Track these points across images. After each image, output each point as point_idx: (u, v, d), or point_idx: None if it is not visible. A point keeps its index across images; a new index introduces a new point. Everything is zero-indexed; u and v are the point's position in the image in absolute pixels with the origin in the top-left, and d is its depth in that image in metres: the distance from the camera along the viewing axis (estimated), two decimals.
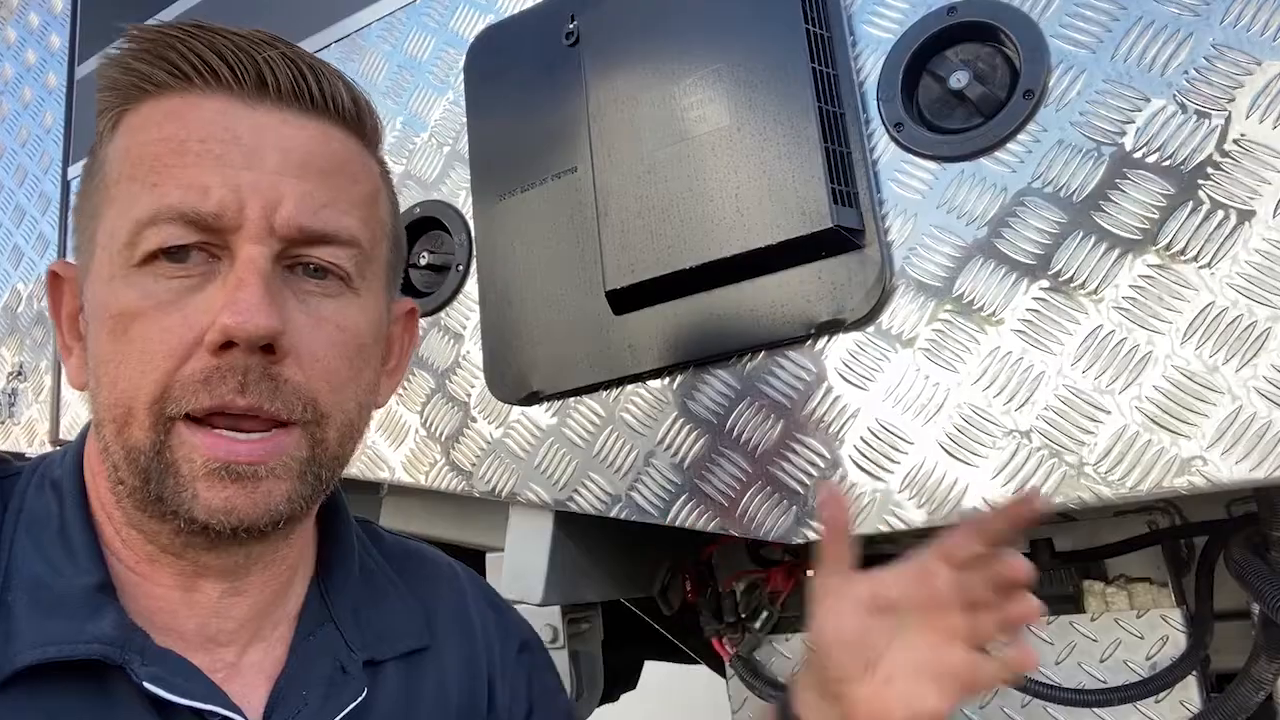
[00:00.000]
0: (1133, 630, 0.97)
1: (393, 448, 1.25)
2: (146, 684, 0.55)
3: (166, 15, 1.66)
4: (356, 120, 0.63)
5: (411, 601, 0.75)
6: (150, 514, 0.57)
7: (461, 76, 1.26)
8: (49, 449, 1.69)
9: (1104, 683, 0.97)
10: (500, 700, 0.78)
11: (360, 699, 0.65)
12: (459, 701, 0.74)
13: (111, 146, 0.59)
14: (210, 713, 0.57)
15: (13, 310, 1.87)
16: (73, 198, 0.65)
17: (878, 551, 1.19)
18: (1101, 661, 0.98)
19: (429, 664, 0.73)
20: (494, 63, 1.22)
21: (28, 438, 1.75)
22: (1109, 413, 0.82)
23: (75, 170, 1.84)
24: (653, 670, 2.04)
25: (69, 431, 1.68)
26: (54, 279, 0.63)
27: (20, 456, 1.71)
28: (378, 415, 1.26)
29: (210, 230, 0.55)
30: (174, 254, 0.55)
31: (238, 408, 0.55)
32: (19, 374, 1.80)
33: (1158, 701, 0.94)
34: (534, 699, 0.81)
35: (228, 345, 0.54)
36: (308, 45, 1.46)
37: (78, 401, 1.67)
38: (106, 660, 0.54)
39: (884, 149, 0.96)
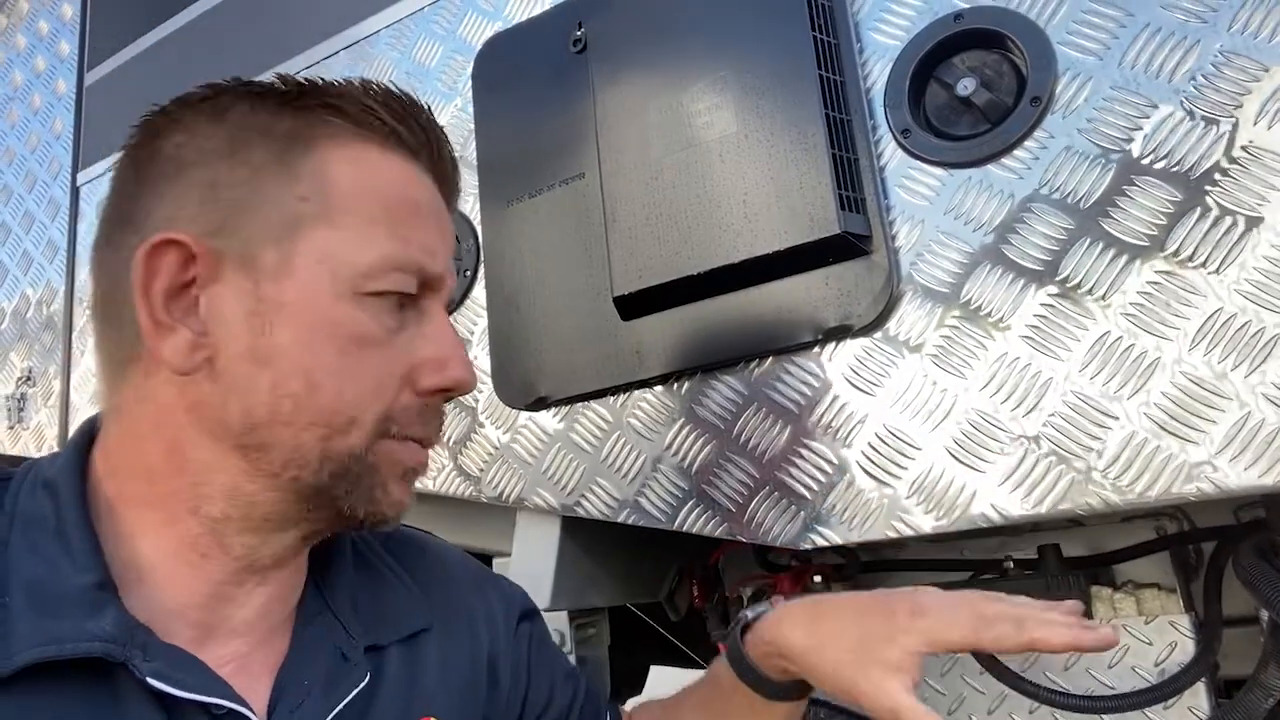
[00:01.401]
0: (1141, 636, 0.97)
1: None
2: (150, 679, 0.55)
3: (174, 24, 1.67)
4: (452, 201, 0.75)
5: (410, 585, 0.77)
6: (307, 503, 0.62)
7: (469, 83, 1.26)
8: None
9: (1112, 689, 0.97)
10: (503, 680, 0.80)
11: (363, 684, 0.66)
12: (461, 681, 0.75)
13: (331, 168, 0.62)
14: (216, 705, 0.58)
15: (22, 315, 1.88)
16: (193, 156, 0.62)
17: (881, 558, 1.19)
18: (1110, 667, 0.98)
19: (430, 645, 0.74)
20: (502, 69, 1.22)
21: (36, 442, 1.75)
22: (1117, 419, 0.82)
23: (85, 176, 1.85)
24: (658, 674, 2.03)
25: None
26: (166, 247, 0.59)
27: (22, 462, 1.71)
28: None
29: (423, 286, 0.65)
30: (402, 299, 0.64)
31: (433, 440, 0.67)
32: (28, 379, 1.81)
33: (1166, 708, 0.94)
34: (533, 668, 0.84)
35: (443, 390, 0.65)
36: (317, 52, 1.47)
37: (87, 407, 1.67)
38: (108, 657, 0.55)
39: (891, 155, 0.96)
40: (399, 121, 0.66)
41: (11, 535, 0.59)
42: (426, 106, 0.68)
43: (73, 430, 1.68)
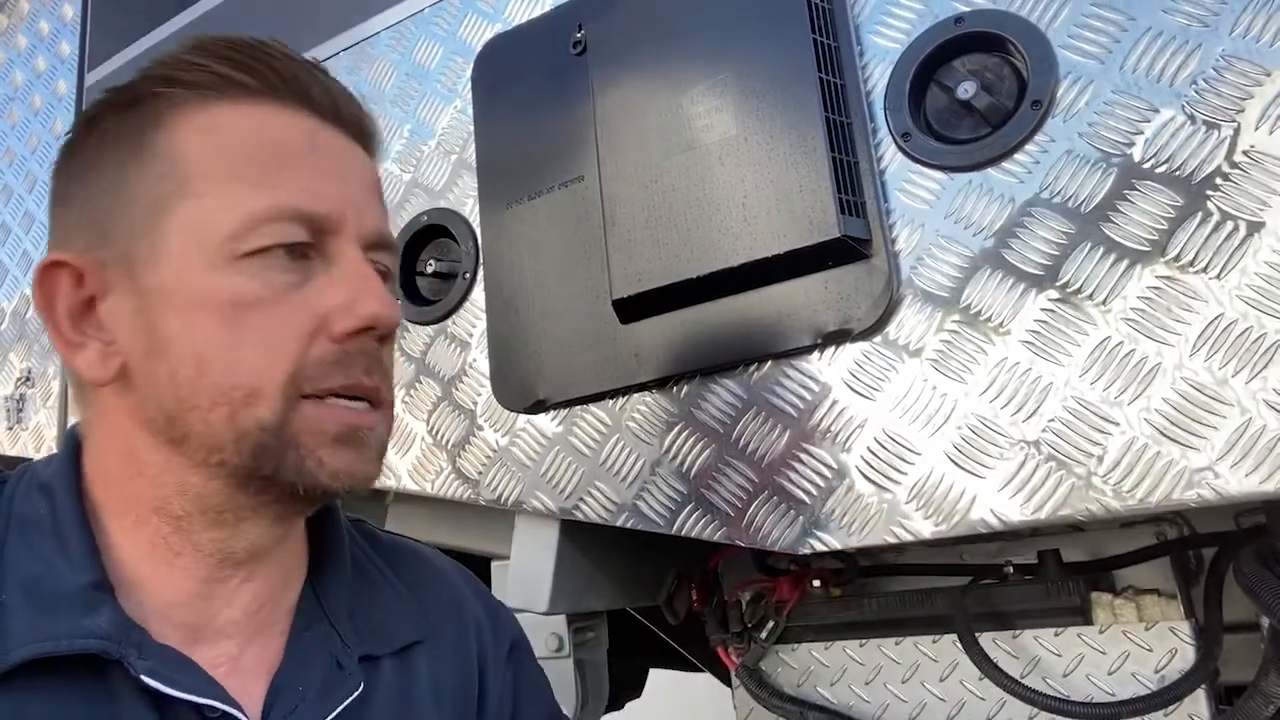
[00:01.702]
0: (1141, 642, 0.97)
1: (399, 455, 1.25)
2: (144, 678, 0.55)
3: (175, 25, 1.67)
4: (377, 150, 0.71)
5: (406, 597, 0.76)
6: (245, 490, 0.60)
7: (469, 85, 1.26)
8: None
9: (1112, 695, 0.96)
10: (491, 694, 0.80)
11: (357, 693, 0.66)
12: (454, 694, 0.75)
13: (179, 139, 0.61)
14: (209, 707, 0.58)
15: (21, 316, 1.87)
16: (66, 185, 0.65)
17: (881, 563, 1.19)
18: (1110, 674, 0.97)
19: (425, 658, 0.74)
20: (501, 71, 1.22)
21: (35, 443, 1.75)
22: (1117, 424, 0.81)
23: None
24: (658, 678, 2.03)
25: None
26: (54, 269, 0.62)
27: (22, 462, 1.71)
28: None
29: (318, 231, 0.61)
30: (292, 249, 0.60)
31: (365, 388, 0.61)
32: (27, 380, 1.81)
33: (1166, 715, 0.94)
34: (519, 697, 0.83)
35: (360, 331, 0.60)
36: (317, 53, 1.47)
37: None
38: (104, 655, 0.55)
39: (891, 159, 0.96)
40: (242, 70, 0.62)
41: (8, 536, 0.60)
42: (280, 44, 0.64)
43: None
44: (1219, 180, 0.81)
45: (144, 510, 0.61)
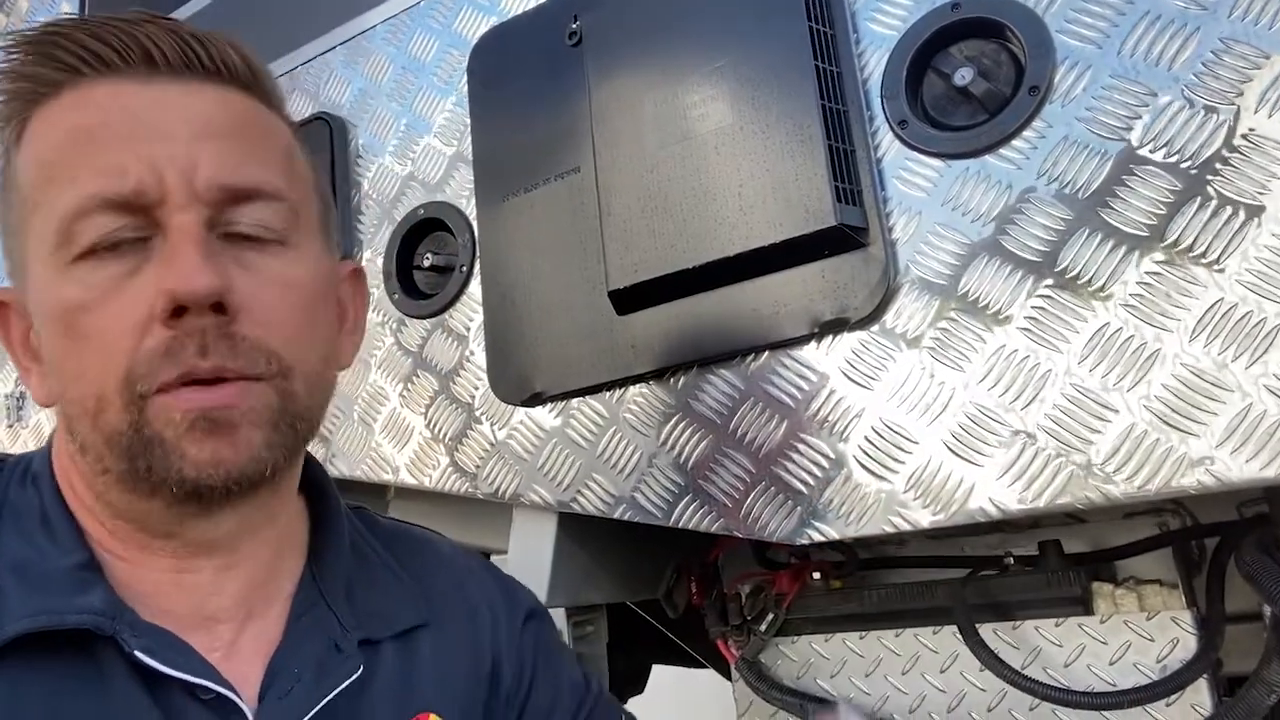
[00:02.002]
0: (1143, 632, 0.96)
1: (397, 449, 1.24)
2: (138, 653, 0.55)
3: None
4: (254, 81, 0.63)
5: (407, 581, 0.76)
6: (140, 494, 0.58)
7: (465, 78, 1.26)
8: None
9: (1114, 685, 0.96)
10: (505, 682, 0.78)
11: (355, 676, 0.65)
12: (461, 679, 0.74)
13: (20, 158, 0.59)
14: (202, 688, 0.58)
15: None
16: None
17: (881, 554, 1.18)
18: (1111, 664, 0.97)
19: (428, 641, 0.73)
20: (497, 64, 1.22)
21: (36, 440, 1.75)
22: (1117, 411, 0.80)
23: None
24: (660, 673, 2.03)
25: None
26: (1, 306, 0.64)
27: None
28: (382, 416, 1.26)
29: (137, 210, 0.55)
30: (122, 243, 0.56)
31: (203, 370, 0.55)
32: None
33: (1168, 705, 0.93)
34: (537, 666, 0.81)
35: (179, 312, 0.54)
36: (312, 48, 1.46)
37: None
38: (97, 630, 0.55)
39: (888, 146, 0.95)
40: (48, 63, 0.58)
41: (3, 523, 0.60)
42: (75, 17, 0.60)
43: None
44: (1218, 165, 0.80)
45: (102, 513, 0.62)
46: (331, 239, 0.69)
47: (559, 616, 1.20)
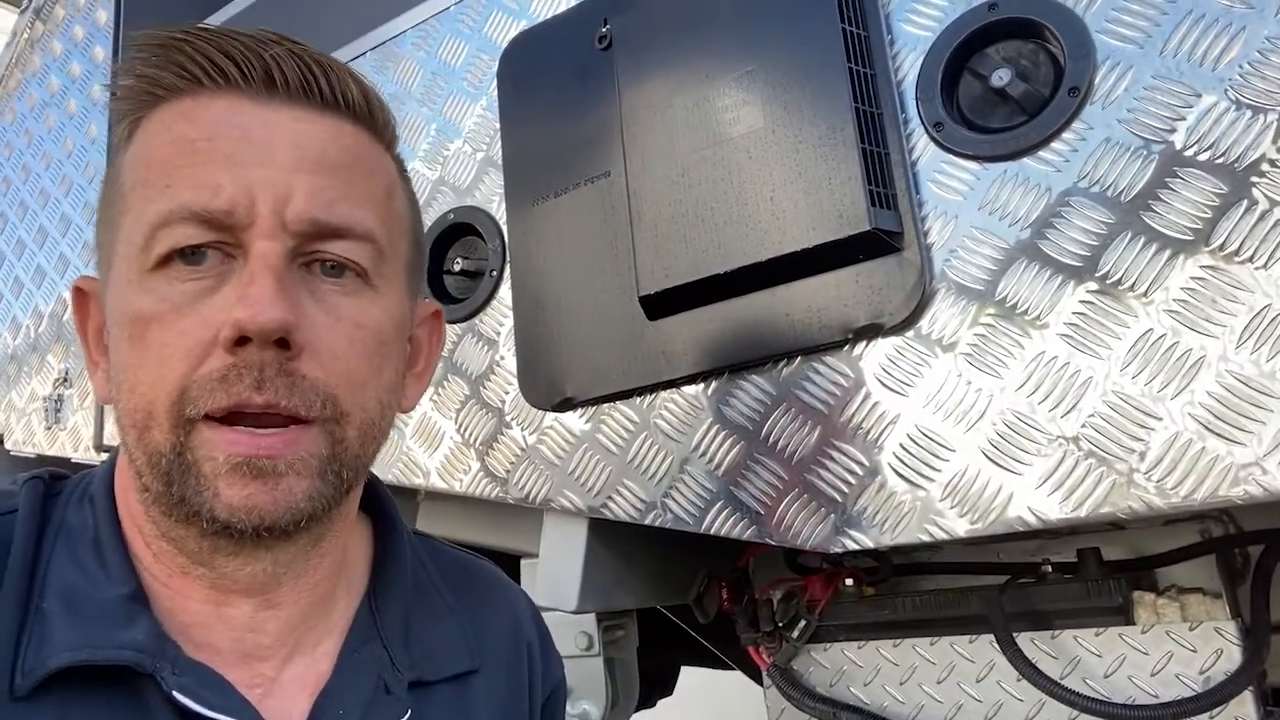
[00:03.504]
0: (1185, 643, 0.94)
1: (428, 454, 1.25)
2: (175, 693, 0.55)
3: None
4: (368, 116, 0.62)
5: (464, 622, 0.73)
6: (175, 519, 0.57)
7: (495, 82, 1.26)
8: (93, 454, 1.72)
9: (1155, 697, 0.94)
10: None
11: None
12: None
13: (126, 155, 0.59)
14: None
15: (58, 318, 1.90)
16: (100, 206, 0.64)
17: (915, 561, 1.17)
18: (1153, 675, 0.95)
19: (478, 688, 0.71)
20: (527, 68, 1.22)
21: (73, 443, 1.78)
22: (1160, 419, 0.79)
23: None
24: (690, 676, 2.02)
25: (113, 437, 1.70)
26: (78, 295, 0.63)
27: (66, 462, 1.74)
28: (413, 420, 1.26)
29: (223, 228, 0.55)
30: (188, 255, 0.55)
31: (255, 405, 0.54)
32: (65, 380, 1.84)
33: (1212, 717, 0.91)
34: None
35: (242, 341, 0.53)
36: (343, 54, 1.47)
37: None
38: (138, 668, 0.54)
39: (923, 149, 0.94)
40: (166, 68, 0.58)
41: (56, 545, 0.60)
42: (192, 29, 0.58)
43: (107, 432, 1.70)
44: (1265, 166, 0.78)
45: (149, 533, 0.60)
46: (418, 281, 0.68)
47: (589, 621, 1.20)
